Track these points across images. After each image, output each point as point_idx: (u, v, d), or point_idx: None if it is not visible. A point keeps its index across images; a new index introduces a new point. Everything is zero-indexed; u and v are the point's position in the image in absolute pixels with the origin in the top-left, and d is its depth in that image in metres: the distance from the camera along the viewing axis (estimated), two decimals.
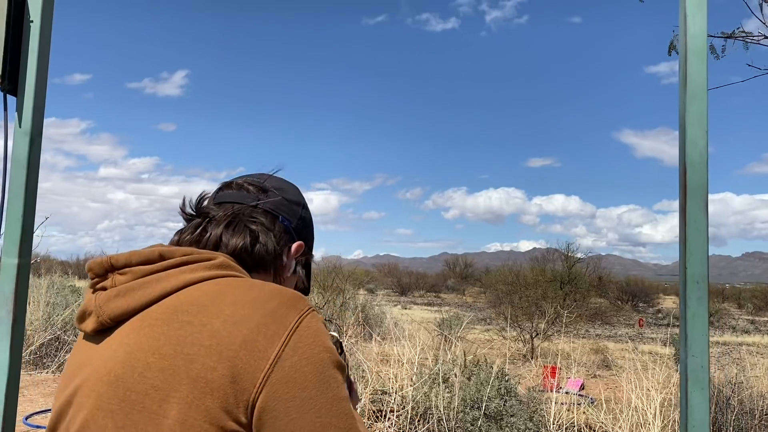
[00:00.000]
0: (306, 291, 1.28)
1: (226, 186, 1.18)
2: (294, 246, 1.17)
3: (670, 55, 2.96)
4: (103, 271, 1.01)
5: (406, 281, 56.34)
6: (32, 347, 9.62)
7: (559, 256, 30.13)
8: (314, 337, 0.90)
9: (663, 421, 5.69)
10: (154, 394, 0.87)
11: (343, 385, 0.92)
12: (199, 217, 1.12)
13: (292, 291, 0.97)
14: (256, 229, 1.10)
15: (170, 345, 0.89)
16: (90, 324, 0.98)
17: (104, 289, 0.99)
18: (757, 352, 16.77)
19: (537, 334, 17.45)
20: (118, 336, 0.95)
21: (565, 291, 23.85)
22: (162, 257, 0.99)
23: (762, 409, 7.68)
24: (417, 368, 7.06)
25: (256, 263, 1.09)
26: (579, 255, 29.80)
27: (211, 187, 1.22)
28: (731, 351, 18.76)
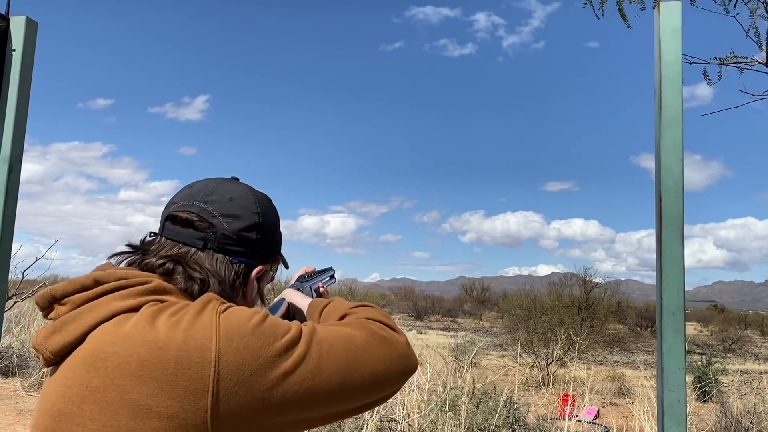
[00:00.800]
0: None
1: (172, 219, 1.11)
2: (253, 273, 1.14)
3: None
4: (47, 304, 1.01)
5: (422, 305, 55.93)
6: (44, 369, 9.68)
7: (577, 281, 29.81)
8: (237, 314, 0.93)
9: None
10: (91, 426, 0.87)
11: (280, 330, 0.94)
12: (139, 253, 1.10)
13: (204, 296, 0.98)
14: (202, 278, 1.06)
15: (99, 378, 0.89)
16: (41, 360, 0.98)
17: (52, 320, 0.99)
18: None
19: (552, 361, 17.19)
20: (62, 369, 0.95)
21: (582, 316, 23.55)
22: (96, 283, 0.99)
23: None
24: (426, 395, 6.97)
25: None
26: (597, 280, 29.49)
27: None
28: (752, 380, 18.29)
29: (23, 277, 8.91)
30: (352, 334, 1.03)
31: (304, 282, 1.74)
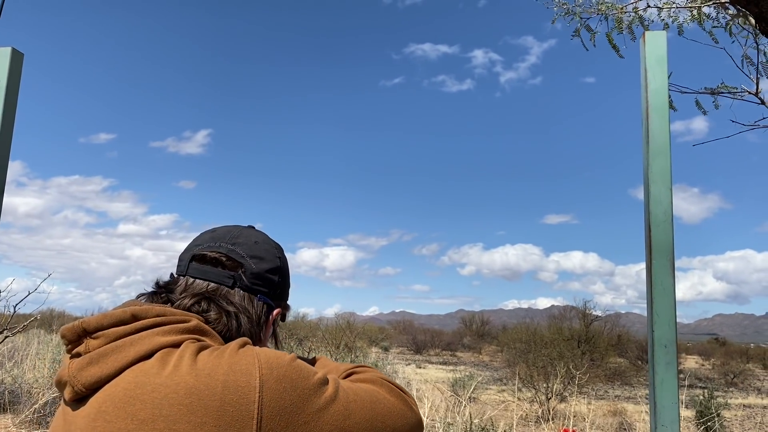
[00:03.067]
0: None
1: (199, 259, 1.13)
2: (272, 315, 1.17)
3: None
4: (75, 337, 0.98)
5: (421, 339, 55.52)
6: (36, 405, 9.53)
7: (576, 314, 29.68)
8: (273, 353, 0.96)
9: None
10: None
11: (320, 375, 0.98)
12: (167, 292, 1.10)
13: (240, 339, 1.01)
14: (235, 312, 1.09)
15: (146, 409, 0.88)
16: (67, 393, 0.96)
17: (79, 355, 0.97)
18: None
19: (552, 395, 16.98)
20: (95, 403, 0.92)
21: (582, 350, 23.36)
22: (135, 318, 0.98)
23: None
24: (425, 431, 6.85)
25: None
26: (597, 313, 29.39)
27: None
28: (755, 414, 18.03)
29: (15, 311, 8.81)
30: (373, 388, 1.06)
31: None
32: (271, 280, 1.16)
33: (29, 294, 8.32)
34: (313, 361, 1.24)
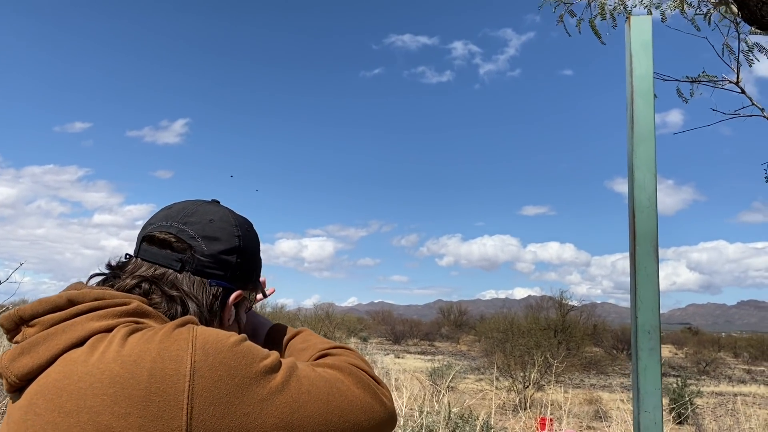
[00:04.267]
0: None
1: (149, 240, 1.07)
2: (231, 298, 1.09)
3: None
4: (13, 326, 0.95)
5: (399, 329, 55.66)
6: (5, 400, 9.39)
7: (553, 304, 29.95)
8: (213, 332, 0.89)
9: None
10: None
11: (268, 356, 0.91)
12: (113, 275, 1.05)
13: (183, 318, 0.95)
14: (180, 297, 1.02)
15: (72, 400, 0.83)
16: (4, 385, 0.91)
17: (18, 343, 0.92)
18: (753, 403, 16.46)
19: (529, 384, 17.15)
20: (28, 395, 0.88)
21: (558, 339, 23.60)
22: (71, 303, 0.93)
23: None
24: (402, 420, 6.87)
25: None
26: (573, 303, 29.67)
27: None
28: (727, 401, 18.42)
29: None
30: (338, 377, 0.98)
31: None
32: (227, 262, 1.07)
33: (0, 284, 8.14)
34: (296, 334, 1.19)
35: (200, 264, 1.05)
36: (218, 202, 1.17)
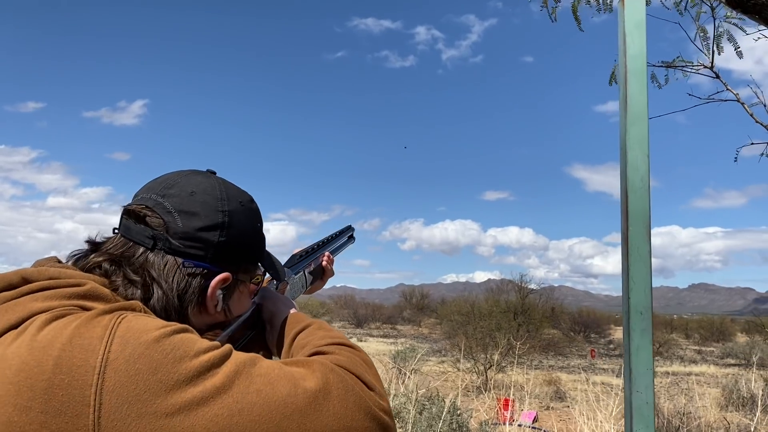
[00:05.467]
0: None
1: (127, 213, 0.98)
2: (213, 282, 0.97)
3: (611, 85, 2.99)
4: None
5: (362, 313, 55.79)
6: None
7: (513, 287, 30.42)
8: (142, 322, 0.77)
9: None
10: None
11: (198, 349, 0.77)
12: (91, 250, 0.97)
13: (122, 303, 0.84)
14: (143, 282, 0.91)
15: None
16: None
17: None
18: (704, 382, 17.08)
19: (491, 366, 17.41)
20: None
21: (518, 322, 24.00)
22: (24, 281, 0.85)
23: None
24: None
25: (160, 314, 0.91)
26: (532, 286, 30.20)
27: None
28: (679, 381, 19.05)
29: None
30: (305, 374, 0.83)
31: (293, 267, 1.41)
32: (206, 240, 0.95)
33: None
34: (304, 327, 1.07)
35: (173, 242, 0.94)
36: (213, 173, 1.06)
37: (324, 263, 1.56)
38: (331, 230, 1.68)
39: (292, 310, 1.17)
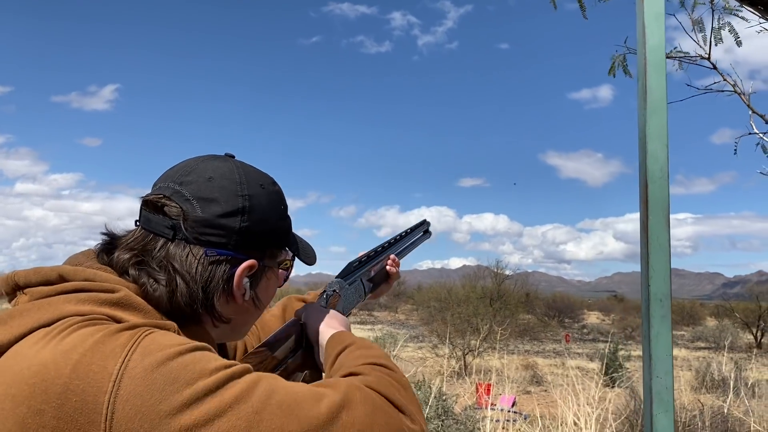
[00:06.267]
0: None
1: (145, 204, 0.95)
2: (239, 270, 0.93)
3: (612, 75, 3.01)
4: (10, 289, 0.88)
5: None
6: None
7: (489, 273, 30.67)
8: (168, 339, 0.76)
9: None
10: None
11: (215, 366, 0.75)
12: (110, 246, 0.95)
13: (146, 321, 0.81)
14: (167, 279, 0.89)
15: (3, 385, 0.73)
16: None
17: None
18: (677, 365, 17.44)
19: (469, 351, 17.60)
20: None
21: (495, 307, 24.24)
22: (62, 278, 0.85)
23: (684, 421, 7.94)
24: None
25: (183, 315, 0.89)
26: (508, 272, 30.46)
27: (135, 206, 0.97)
28: None
29: None
30: (327, 392, 0.80)
31: (347, 276, 1.35)
32: (228, 227, 0.92)
33: None
34: (344, 348, 1.03)
35: (194, 230, 0.90)
36: (232, 157, 1.02)
37: (388, 267, 1.51)
38: (307, 218, 1.61)
39: (336, 330, 1.12)
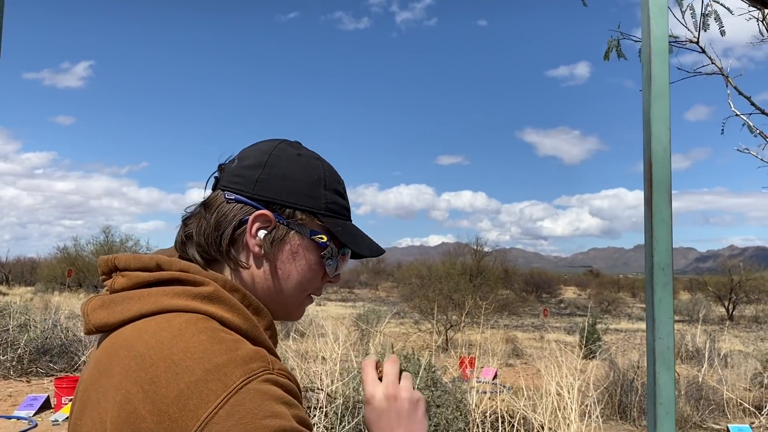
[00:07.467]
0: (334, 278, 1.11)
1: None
2: (252, 216, 0.96)
3: (607, 59, 3.11)
4: (107, 270, 0.97)
5: None
6: None
7: (468, 250, 31.00)
8: (259, 401, 0.77)
9: (580, 406, 5.98)
10: (96, 398, 0.86)
11: None
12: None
13: (252, 348, 0.85)
14: (196, 230, 0.97)
15: (119, 375, 0.83)
16: (84, 327, 0.95)
17: (106, 290, 0.96)
18: None
19: (451, 326, 17.87)
20: (102, 348, 0.92)
21: (475, 284, 24.54)
22: (159, 267, 0.93)
23: None
24: (339, 364, 7.06)
25: (207, 259, 0.97)
26: (487, 249, 30.82)
27: (111, 184, 1.10)
28: (629, 337, 19.96)
29: None
30: None
31: None
32: (248, 176, 0.98)
33: None
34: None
35: (225, 179, 1.00)
36: (299, 144, 1.09)
37: None
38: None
39: None
